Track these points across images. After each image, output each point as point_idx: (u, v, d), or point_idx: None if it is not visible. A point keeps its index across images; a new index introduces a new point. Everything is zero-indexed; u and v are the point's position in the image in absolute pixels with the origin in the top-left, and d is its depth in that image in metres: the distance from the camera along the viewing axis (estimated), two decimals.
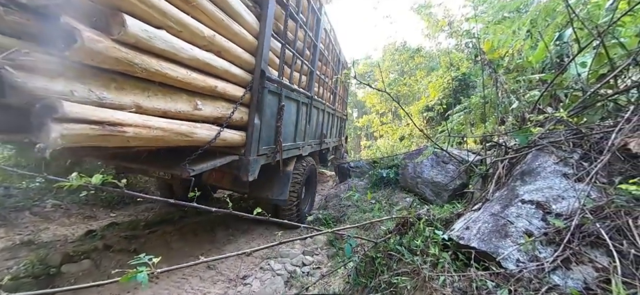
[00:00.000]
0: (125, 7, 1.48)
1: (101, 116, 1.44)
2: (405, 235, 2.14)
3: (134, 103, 1.68)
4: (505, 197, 1.93)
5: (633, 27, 2.29)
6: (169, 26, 1.76)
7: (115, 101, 1.57)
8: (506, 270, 1.46)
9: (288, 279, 2.74)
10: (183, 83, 1.99)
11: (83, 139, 1.39)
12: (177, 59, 1.87)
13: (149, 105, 1.79)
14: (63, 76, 1.34)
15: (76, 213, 4.36)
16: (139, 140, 1.69)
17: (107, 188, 1.27)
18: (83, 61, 1.37)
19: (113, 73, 1.57)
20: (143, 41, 1.58)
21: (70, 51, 1.28)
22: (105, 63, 1.46)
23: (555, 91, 2.80)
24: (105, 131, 1.46)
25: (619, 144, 1.69)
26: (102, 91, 1.50)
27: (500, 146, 2.78)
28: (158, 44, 1.67)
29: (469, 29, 5.90)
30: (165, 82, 1.88)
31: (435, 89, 9.68)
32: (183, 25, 1.86)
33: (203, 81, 2.15)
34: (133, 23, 1.49)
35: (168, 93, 1.94)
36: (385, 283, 1.81)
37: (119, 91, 1.61)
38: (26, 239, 3.33)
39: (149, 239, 3.60)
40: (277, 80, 3.14)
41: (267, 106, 2.93)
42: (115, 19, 1.44)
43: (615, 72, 2.10)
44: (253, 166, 2.77)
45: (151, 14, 1.62)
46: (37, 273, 2.60)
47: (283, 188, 3.63)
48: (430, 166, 4.44)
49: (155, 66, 1.71)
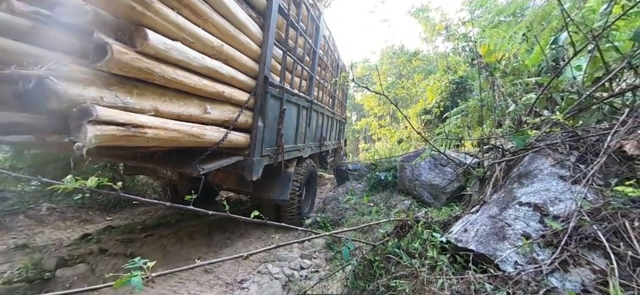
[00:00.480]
0: (147, 22, 1.66)
1: (126, 119, 1.61)
2: (403, 238, 2.13)
3: (153, 107, 1.85)
4: (503, 200, 1.94)
5: (627, 30, 2.32)
6: (184, 38, 1.94)
7: (137, 106, 1.75)
8: (504, 273, 1.45)
9: (286, 283, 2.72)
10: (194, 89, 2.17)
11: (111, 139, 1.55)
12: (190, 67, 2.05)
13: (165, 109, 1.96)
14: (94, 84, 1.53)
15: (71, 217, 4.32)
16: (157, 140, 1.85)
17: (102, 191, 1.26)
18: (111, 70, 1.56)
19: (135, 80, 1.75)
20: (162, 52, 1.75)
21: (101, 62, 1.46)
22: (129, 72, 1.64)
23: (551, 94, 2.83)
24: (130, 132, 1.63)
25: (614, 146, 1.71)
26: (126, 96, 1.69)
27: (497, 149, 2.79)
28: (174, 54, 1.85)
29: (466, 32, 5.95)
30: (179, 88, 2.06)
31: (433, 92, 9.73)
32: (195, 36, 2.04)
33: (212, 87, 2.33)
34: (154, 37, 1.67)
35: (181, 98, 2.12)
36: (383, 287, 1.80)
37: (140, 96, 1.79)
38: (20, 243, 3.28)
39: (146, 242, 3.57)
40: (278, 85, 3.30)
41: (269, 110, 3.09)
42: (139, 33, 1.63)
43: (610, 75, 2.12)
44: (256, 166, 2.92)
45: (169, 28, 1.80)
46: (31, 278, 2.57)
47: (284, 189, 3.76)
48: (428, 169, 4.45)
49: (171, 74, 1.88)
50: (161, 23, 1.74)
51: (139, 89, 1.79)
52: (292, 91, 3.73)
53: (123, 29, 1.64)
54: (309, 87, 4.55)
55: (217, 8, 2.24)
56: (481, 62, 3.66)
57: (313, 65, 4.56)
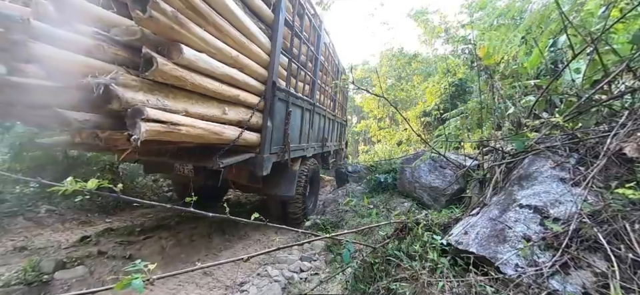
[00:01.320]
0: (181, 39, 2.02)
1: (166, 118, 1.94)
2: (403, 241, 2.13)
3: (184, 109, 2.20)
4: (503, 202, 1.94)
5: (626, 33, 2.33)
6: (208, 50, 2.29)
7: (172, 107, 2.09)
8: (505, 275, 1.45)
9: (285, 285, 2.71)
10: (215, 93, 2.52)
11: (156, 134, 1.87)
12: (212, 74, 2.40)
13: (193, 110, 2.30)
14: (141, 90, 1.89)
15: (70, 219, 4.30)
16: (188, 136, 2.18)
17: (102, 193, 1.26)
18: (155, 78, 1.92)
19: (171, 86, 2.11)
20: (192, 63, 2.11)
21: (149, 72, 1.83)
22: (167, 80, 1.99)
23: (550, 96, 2.83)
24: (169, 128, 1.95)
25: (614, 149, 1.71)
26: (164, 100, 2.03)
27: (497, 151, 2.79)
28: (201, 64, 2.21)
29: (465, 35, 5.98)
30: (204, 93, 2.41)
31: (432, 95, 9.75)
32: (217, 48, 2.39)
33: (229, 91, 2.68)
34: (187, 50, 2.02)
35: (205, 101, 2.47)
36: (384, 289, 1.80)
37: (174, 99, 2.13)
38: (19, 245, 3.27)
39: (145, 245, 3.56)
40: (285, 89, 3.64)
41: (277, 112, 3.40)
42: (175, 47, 1.98)
43: (609, 78, 2.13)
44: (266, 162, 3.21)
45: (198, 42, 2.15)
46: (30, 280, 2.55)
47: (290, 185, 4.01)
48: (427, 171, 4.45)
49: (199, 81, 2.24)
50: (192, 39, 2.08)
51: (173, 93, 2.14)
52: (296, 95, 4.02)
53: (162, 45, 2.00)
54: (312, 91, 4.86)
55: (234, 23, 2.56)
56: (480, 64, 3.67)
57: (315, 70, 4.89)
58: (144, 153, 2.83)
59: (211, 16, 2.24)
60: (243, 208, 5.43)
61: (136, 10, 1.71)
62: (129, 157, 2.68)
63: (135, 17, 1.74)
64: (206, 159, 2.71)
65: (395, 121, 14.63)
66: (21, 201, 4.31)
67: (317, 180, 5.44)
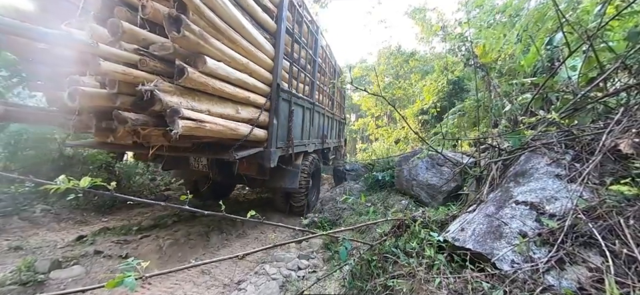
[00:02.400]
0: (205, 51, 2.46)
1: (195, 116, 2.37)
2: (400, 238, 2.13)
3: (206, 109, 2.62)
4: (499, 199, 1.95)
5: (621, 31, 2.34)
6: (225, 59, 2.74)
7: (198, 108, 2.52)
8: (501, 271, 1.46)
9: (283, 283, 2.71)
10: (230, 95, 2.96)
11: (189, 130, 2.29)
12: (228, 80, 2.84)
13: (214, 110, 2.73)
14: (175, 94, 2.35)
15: (66, 218, 4.27)
16: (211, 132, 2.58)
17: (96, 191, 1.24)
18: (186, 85, 2.37)
19: (196, 91, 2.54)
20: (214, 71, 2.56)
21: (181, 79, 2.28)
22: (194, 85, 2.44)
23: (547, 94, 2.84)
24: (198, 125, 2.38)
25: (609, 145, 1.72)
26: (192, 102, 2.48)
27: (493, 148, 2.80)
28: (220, 72, 2.66)
29: (462, 33, 5.99)
30: (222, 95, 2.86)
31: (430, 93, 9.77)
32: (232, 57, 2.84)
33: (242, 93, 3.10)
34: (210, 61, 2.48)
35: (223, 102, 2.91)
36: (381, 286, 1.80)
37: (199, 101, 2.57)
38: (14, 245, 3.24)
39: (141, 244, 3.54)
40: (287, 90, 4.02)
41: (281, 111, 3.78)
42: (200, 59, 2.43)
43: (605, 75, 2.14)
44: (273, 156, 3.57)
45: (217, 54, 2.59)
46: (25, 280, 2.53)
47: (294, 178, 4.37)
48: (425, 169, 4.46)
49: (218, 85, 2.68)
50: (212, 51, 2.52)
51: (198, 96, 2.58)
52: (298, 95, 4.44)
53: (189, 57, 2.45)
54: (311, 91, 5.24)
55: (245, 35, 3.01)
56: (477, 62, 3.68)
57: (313, 71, 5.28)
58: (170, 150, 3.19)
59: (227, 31, 2.69)
60: (241, 206, 5.41)
61: (172, 31, 2.15)
62: (156, 152, 3.08)
63: (171, 36, 2.17)
64: (223, 152, 3.09)
65: (392, 119, 14.65)
66: (16, 201, 4.27)
67: (318, 174, 5.83)
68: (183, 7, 2.19)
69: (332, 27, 52.32)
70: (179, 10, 2.14)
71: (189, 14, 2.23)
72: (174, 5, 2.18)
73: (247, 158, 3.28)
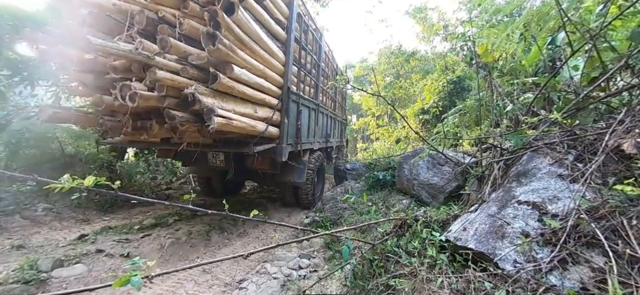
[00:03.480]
0: (232, 61, 2.91)
1: (225, 114, 2.86)
2: (402, 237, 2.13)
3: (232, 109, 3.08)
4: (501, 198, 1.94)
5: (624, 30, 2.33)
6: (247, 66, 3.20)
7: (227, 108, 2.98)
8: (503, 271, 1.46)
9: (284, 282, 2.71)
10: (250, 97, 3.41)
11: (221, 126, 2.77)
12: (249, 84, 3.29)
13: (238, 110, 3.18)
14: (210, 96, 2.81)
15: (68, 217, 4.28)
16: (236, 128, 3.07)
17: (99, 190, 1.24)
18: (218, 88, 2.87)
19: (225, 93, 3.03)
20: (238, 76, 3.04)
21: (214, 84, 2.79)
22: (224, 89, 2.93)
23: (549, 93, 2.84)
24: (227, 122, 2.87)
25: (612, 145, 1.72)
26: (222, 102, 2.94)
27: (495, 148, 2.80)
28: (243, 77, 3.13)
29: (464, 32, 5.99)
30: (243, 97, 3.31)
31: (430, 92, 9.76)
32: (252, 65, 3.29)
33: (259, 95, 3.55)
34: (236, 68, 2.96)
35: (244, 103, 3.36)
36: (383, 286, 1.80)
37: (227, 102, 3.03)
38: (17, 243, 3.25)
39: (143, 243, 3.55)
40: (296, 93, 4.46)
41: (291, 111, 4.22)
42: (228, 67, 2.91)
43: (607, 75, 2.14)
44: (284, 151, 4.00)
45: (241, 62, 3.05)
46: (28, 279, 2.53)
47: (301, 173, 4.82)
48: (426, 168, 4.46)
49: (241, 88, 3.15)
50: (237, 60, 2.96)
51: (226, 98, 3.05)
52: (304, 97, 4.91)
53: (219, 65, 2.91)
54: (316, 93, 5.70)
55: (262, 45, 3.43)
56: (478, 62, 3.67)
57: (317, 75, 5.72)
58: (195, 146, 3.57)
59: (249, 43, 3.14)
60: (242, 206, 5.42)
61: (208, 44, 2.64)
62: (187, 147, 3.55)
63: (207, 49, 2.65)
64: (243, 147, 3.56)
65: (393, 118, 14.63)
66: (18, 200, 4.29)
67: (323, 171, 6.37)
68: (217, 25, 2.66)
69: (333, 26, 52.23)
70: (214, 28, 2.65)
71: (222, 30, 2.67)
72: (210, 24, 2.68)
73: (261, 153, 3.73)
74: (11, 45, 4.58)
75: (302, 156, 4.81)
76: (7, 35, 4.40)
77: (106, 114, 3.51)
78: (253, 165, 4.32)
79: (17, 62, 4.68)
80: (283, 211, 5.41)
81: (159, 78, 2.64)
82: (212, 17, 2.67)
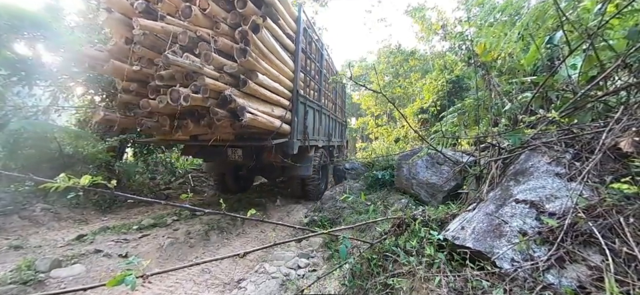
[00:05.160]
0: (257, 69, 3.70)
1: (253, 112, 3.60)
2: (400, 237, 2.13)
3: (257, 108, 3.82)
4: (499, 197, 1.95)
5: (622, 29, 2.34)
6: (266, 73, 3.99)
7: (253, 106, 3.70)
8: (501, 270, 1.46)
9: (283, 282, 2.71)
10: (268, 99, 4.21)
11: (250, 121, 3.50)
12: (268, 87, 4.13)
13: (260, 109, 3.91)
14: (241, 97, 3.56)
15: (66, 217, 4.27)
16: (260, 124, 3.79)
17: (96, 189, 1.24)
18: (247, 92, 3.69)
19: (250, 95, 3.81)
20: (261, 82, 3.86)
21: (245, 88, 3.63)
22: (250, 92, 3.74)
23: (547, 92, 2.84)
24: (254, 118, 3.60)
25: (609, 144, 1.72)
26: (249, 102, 3.67)
27: (493, 147, 2.80)
28: (265, 82, 3.96)
29: (462, 31, 5.99)
30: (263, 99, 4.12)
31: (429, 92, 9.76)
32: (270, 72, 4.12)
33: (275, 97, 4.36)
34: (260, 75, 3.78)
35: (264, 103, 4.16)
36: (381, 285, 1.80)
37: (252, 102, 3.77)
38: (14, 243, 3.24)
39: (141, 243, 3.54)
40: (303, 96, 5.24)
41: (299, 111, 4.96)
42: (254, 74, 3.71)
43: (605, 74, 2.14)
44: (294, 145, 4.76)
45: (263, 70, 3.85)
46: (25, 279, 2.53)
47: (308, 167, 5.48)
48: (425, 167, 4.46)
49: (263, 91, 4.00)
50: (260, 68, 3.77)
51: (252, 99, 3.83)
52: (310, 99, 5.68)
53: (246, 72, 3.69)
54: (319, 96, 6.48)
55: (277, 56, 4.26)
56: (477, 61, 3.68)
57: (320, 80, 6.55)
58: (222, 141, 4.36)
59: (268, 54, 3.98)
60: (241, 205, 5.42)
61: (240, 57, 3.46)
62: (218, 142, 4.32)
63: (240, 60, 3.49)
64: (262, 141, 4.23)
65: (392, 118, 14.64)
66: (16, 200, 4.27)
67: (326, 167, 7.08)
68: (247, 42, 3.51)
69: (332, 25, 52.18)
70: (245, 44, 3.49)
71: (251, 46, 3.50)
72: (241, 42, 3.54)
73: (275, 147, 4.40)
74: (9, 44, 4.56)
75: (308, 152, 5.49)
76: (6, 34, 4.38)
77: (145, 116, 4.06)
78: (268, 159, 4.89)
79: (15, 61, 4.67)
80: (283, 210, 5.41)
81: (206, 83, 3.32)
82: (243, 35, 3.53)
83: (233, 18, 3.64)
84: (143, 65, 3.86)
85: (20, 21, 4.56)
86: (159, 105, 3.64)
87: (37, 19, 4.78)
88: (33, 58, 4.94)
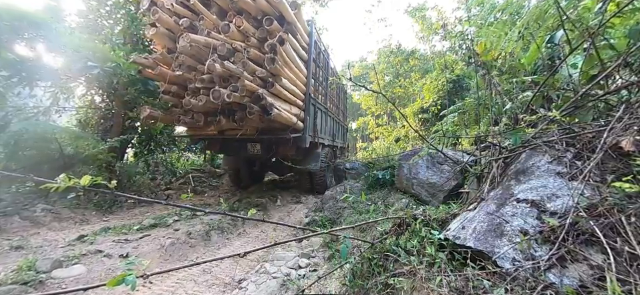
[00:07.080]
0: (281, 74, 4.71)
1: (279, 107, 4.64)
2: (401, 236, 2.13)
3: (280, 106, 4.69)
4: (500, 197, 1.94)
5: (622, 28, 2.33)
6: (288, 77, 4.97)
7: (277, 104, 4.61)
8: (502, 269, 1.46)
9: (284, 282, 2.71)
10: (288, 99, 5.18)
11: (276, 116, 4.57)
12: (288, 89, 5.05)
13: (283, 107, 4.78)
14: (269, 96, 4.54)
15: (67, 218, 4.27)
16: (282, 119, 4.76)
17: (97, 190, 1.24)
18: (273, 92, 4.74)
19: (275, 95, 4.81)
20: (284, 85, 4.88)
21: (272, 89, 4.70)
22: (275, 92, 4.79)
23: (547, 92, 2.84)
24: (279, 113, 4.59)
25: (611, 143, 1.72)
26: (274, 101, 4.61)
27: (494, 146, 2.80)
28: (286, 85, 4.94)
29: (463, 31, 5.99)
30: (284, 99, 5.04)
31: (430, 91, 9.76)
32: (290, 77, 5.05)
33: (292, 98, 5.30)
34: (283, 79, 4.82)
35: (285, 103, 5.07)
36: (382, 285, 1.80)
37: (277, 101, 4.72)
38: (15, 244, 3.24)
39: (142, 243, 3.54)
40: (314, 98, 6.21)
41: (310, 111, 5.85)
42: (278, 78, 4.72)
43: (606, 72, 2.13)
44: (307, 140, 5.65)
45: (285, 75, 4.86)
46: (26, 279, 2.53)
47: (317, 162, 6.29)
48: (425, 167, 4.45)
49: (284, 93, 5.00)
50: (283, 73, 4.71)
51: (276, 98, 4.71)
52: (319, 102, 6.70)
53: (272, 77, 4.63)
54: (325, 99, 7.41)
55: (295, 64, 5.23)
56: (477, 60, 3.67)
57: (326, 86, 7.51)
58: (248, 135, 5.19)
59: (289, 63, 4.90)
60: (241, 205, 5.42)
61: (270, 64, 4.40)
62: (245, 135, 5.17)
63: (269, 67, 4.41)
64: (282, 133, 5.09)
65: (392, 118, 14.63)
66: (17, 200, 4.28)
67: (331, 164, 7.69)
68: (275, 52, 4.41)
69: (332, 25, 52.19)
70: (273, 54, 4.40)
71: (278, 56, 4.42)
72: (271, 52, 4.43)
73: (290, 142, 5.20)
74: (9, 45, 4.57)
75: (317, 148, 6.35)
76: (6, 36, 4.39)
77: (182, 113, 4.96)
78: (283, 152, 5.70)
79: (15, 62, 4.67)
80: (283, 210, 5.41)
81: (245, 84, 4.21)
82: (272, 47, 4.43)
83: (261, 33, 4.55)
84: (184, 70, 4.66)
85: (20, 22, 4.57)
86: (198, 104, 4.56)
87: (37, 19, 4.79)
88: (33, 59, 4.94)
